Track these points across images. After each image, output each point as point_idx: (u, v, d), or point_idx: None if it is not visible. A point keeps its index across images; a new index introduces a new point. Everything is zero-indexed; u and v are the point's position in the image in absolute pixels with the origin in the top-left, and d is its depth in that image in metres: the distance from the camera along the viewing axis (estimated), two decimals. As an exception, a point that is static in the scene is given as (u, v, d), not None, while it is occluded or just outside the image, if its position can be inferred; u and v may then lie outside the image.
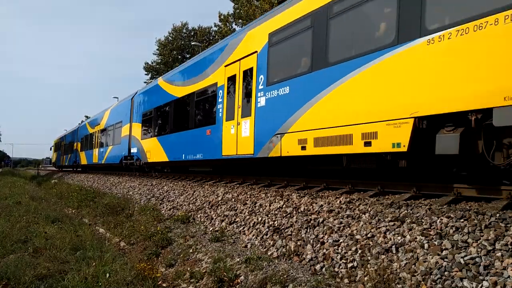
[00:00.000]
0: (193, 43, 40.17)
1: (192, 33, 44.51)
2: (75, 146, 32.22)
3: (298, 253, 4.88)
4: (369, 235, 4.45)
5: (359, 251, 4.29)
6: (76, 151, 31.41)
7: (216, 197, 8.44)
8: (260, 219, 6.28)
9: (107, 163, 21.53)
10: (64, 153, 38.56)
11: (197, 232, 6.99)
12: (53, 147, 48.90)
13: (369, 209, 4.97)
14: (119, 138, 19.32)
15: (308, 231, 5.18)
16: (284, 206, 6.23)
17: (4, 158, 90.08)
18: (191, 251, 5.97)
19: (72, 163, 33.20)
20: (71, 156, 34.04)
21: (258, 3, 27.34)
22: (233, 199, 7.75)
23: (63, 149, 39.10)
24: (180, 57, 43.69)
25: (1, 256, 6.00)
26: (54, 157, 48.13)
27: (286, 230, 5.52)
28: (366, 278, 3.83)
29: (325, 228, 5.05)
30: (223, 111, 9.77)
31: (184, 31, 44.79)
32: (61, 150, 40.98)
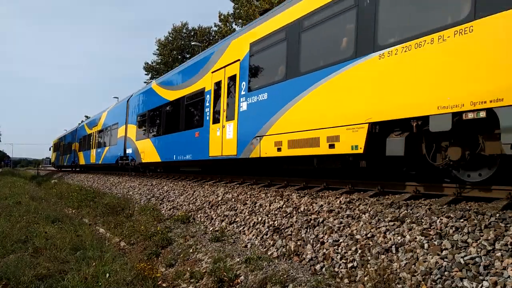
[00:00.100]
0: (193, 43, 40.10)
1: (192, 33, 44.41)
2: (73, 147, 32.63)
3: (298, 253, 4.88)
4: (369, 235, 4.45)
5: (359, 251, 4.30)
6: (75, 151, 31.81)
7: (216, 197, 8.44)
8: (260, 219, 6.28)
9: (104, 163, 21.96)
10: (63, 154, 38.93)
11: (197, 232, 6.99)
12: (52, 147, 49.39)
13: (369, 209, 4.97)
14: (115, 139, 19.76)
15: (308, 231, 5.18)
16: (284, 206, 6.23)
17: (4, 158, 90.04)
18: (191, 251, 5.97)
19: (71, 163, 33.58)
20: (69, 156, 34.40)
21: (258, 3, 27.34)
22: (233, 199, 7.76)
23: (62, 149, 39.46)
24: (180, 57, 43.59)
25: (1, 256, 6.00)
26: (53, 157, 48.67)
27: (286, 230, 5.52)
28: (366, 278, 3.83)
29: (325, 228, 5.05)
30: (210, 114, 10.36)
31: (184, 31, 44.70)
32: (60, 151, 41.35)
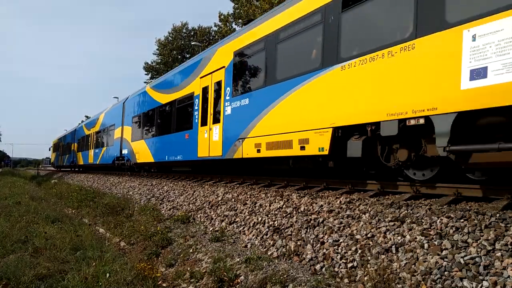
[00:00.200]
0: (193, 43, 40.05)
1: (192, 33, 44.36)
2: (72, 147, 33.13)
3: (298, 253, 4.88)
4: (369, 235, 4.45)
5: (359, 251, 4.30)
6: (74, 151, 32.30)
7: (216, 197, 8.44)
8: (260, 219, 6.28)
9: (101, 163, 22.54)
10: (62, 154, 39.42)
11: (197, 232, 6.99)
12: (52, 147, 49.96)
13: (369, 209, 4.97)
14: (112, 140, 20.40)
15: (308, 231, 5.18)
16: (284, 206, 6.23)
17: (4, 158, 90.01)
18: (191, 251, 5.97)
19: (70, 163, 34.11)
20: (69, 156, 34.91)
21: (258, 3, 27.34)
22: (233, 199, 7.76)
23: (62, 149, 39.96)
24: (180, 57, 43.55)
25: (1, 256, 5.99)
26: (53, 158, 49.32)
27: (286, 230, 5.52)
28: (366, 278, 3.83)
29: (325, 228, 5.05)
30: (198, 117, 10.98)
31: (184, 31, 44.65)
32: (59, 151, 41.85)
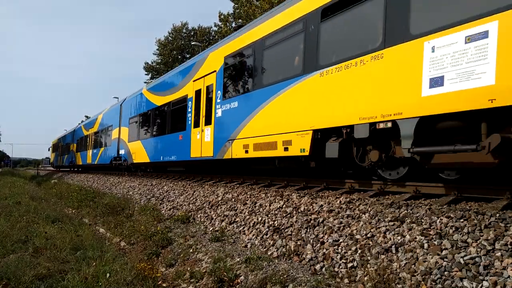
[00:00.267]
0: (193, 43, 40.03)
1: (192, 33, 44.35)
2: (71, 147, 33.55)
3: (298, 253, 4.88)
4: (369, 235, 4.45)
5: (359, 251, 4.30)
6: (73, 152, 32.71)
7: (216, 197, 8.44)
8: (260, 219, 6.28)
9: (99, 163, 22.99)
10: (61, 154, 39.80)
11: (197, 232, 6.99)
12: (51, 147, 50.41)
13: (369, 209, 4.98)
14: (110, 140, 20.91)
15: (308, 231, 5.18)
16: (284, 206, 6.23)
17: (4, 158, 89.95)
18: (191, 251, 5.97)
19: (69, 163, 34.53)
20: (68, 156, 35.34)
21: (258, 3, 27.33)
22: (233, 199, 7.76)
23: (61, 150, 40.35)
24: (180, 57, 43.53)
25: (1, 256, 5.99)
26: (52, 158, 49.76)
27: (286, 230, 5.52)
28: (366, 278, 3.83)
29: (325, 228, 5.05)
30: (191, 119, 11.40)
31: (184, 31, 44.63)
32: (58, 151, 42.23)
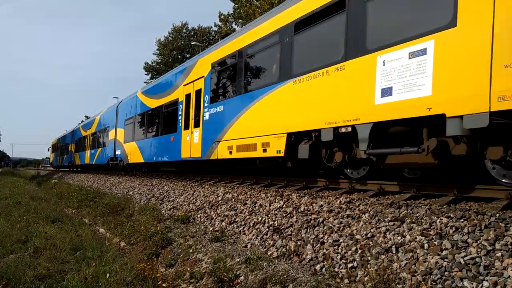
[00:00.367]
0: (193, 43, 40.07)
1: (192, 33, 44.36)
2: (70, 148, 34.09)
3: (298, 253, 4.88)
4: (369, 235, 4.45)
5: (359, 251, 4.29)
6: (71, 152, 33.23)
7: (216, 197, 8.44)
8: (260, 219, 6.28)
9: (97, 163, 23.56)
10: (61, 154, 40.29)
11: (197, 232, 6.99)
12: (51, 148, 50.97)
13: (369, 209, 4.97)
14: (107, 141, 21.51)
15: (308, 231, 5.18)
16: (284, 206, 6.23)
17: (4, 158, 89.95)
18: (191, 251, 5.97)
19: (68, 163, 35.04)
20: (67, 156, 35.87)
21: (258, 3, 27.33)
22: (233, 199, 7.76)
23: (60, 150, 40.86)
24: (180, 57, 43.53)
25: (1, 256, 5.99)
26: (52, 158, 50.34)
27: (286, 230, 5.52)
28: (366, 278, 3.83)
29: (325, 228, 5.05)
30: (182, 121, 11.98)
31: (184, 31, 44.63)
32: (58, 151, 42.66)
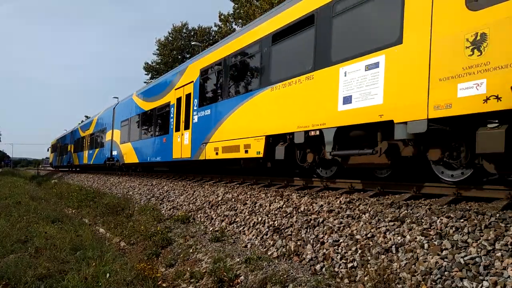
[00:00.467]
0: (193, 43, 40.00)
1: (192, 33, 44.31)
2: (69, 148, 34.51)
3: (298, 253, 4.88)
4: (369, 235, 4.45)
5: (359, 251, 4.30)
6: (70, 152, 33.64)
7: (216, 197, 8.44)
8: (260, 219, 6.28)
9: (94, 163, 24.11)
10: (60, 154, 40.63)
11: (197, 232, 6.99)
12: (50, 148, 51.37)
13: (369, 209, 4.97)
14: (104, 142, 22.05)
15: (308, 231, 5.18)
16: (284, 206, 6.23)
17: (4, 158, 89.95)
18: (191, 251, 5.97)
19: (67, 163, 35.49)
20: (66, 157, 36.30)
21: (258, 3, 27.33)
22: (233, 199, 7.76)
23: (59, 150, 41.18)
24: (180, 57, 43.48)
25: (1, 256, 5.99)
26: (51, 158, 50.71)
27: (286, 230, 5.52)
28: (366, 278, 3.83)
29: (325, 228, 5.05)
30: (173, 124, 12.63)
31: (184, 31, 44.58)
32: (57, 152, 42.94)
